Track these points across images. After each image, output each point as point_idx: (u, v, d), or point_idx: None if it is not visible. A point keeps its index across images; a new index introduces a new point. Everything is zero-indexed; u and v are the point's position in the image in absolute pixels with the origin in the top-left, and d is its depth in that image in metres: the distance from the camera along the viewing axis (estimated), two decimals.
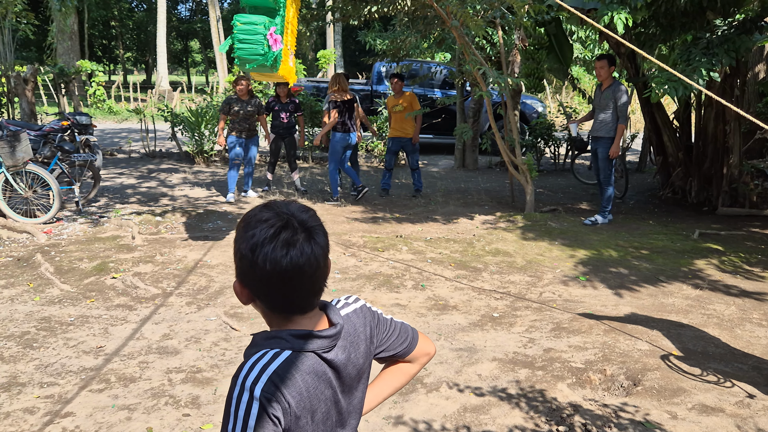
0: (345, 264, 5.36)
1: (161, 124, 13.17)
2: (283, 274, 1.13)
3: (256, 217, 1.16)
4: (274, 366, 1.12)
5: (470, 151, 11.09)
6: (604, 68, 6.85)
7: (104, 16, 32.84)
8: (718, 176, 7.87)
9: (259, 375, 1.10)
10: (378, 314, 1.38)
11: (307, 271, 1.15)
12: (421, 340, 1.46)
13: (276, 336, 1.18)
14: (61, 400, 3.16)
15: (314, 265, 1.16)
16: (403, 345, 1.40)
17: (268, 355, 1.14)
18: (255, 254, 1.13)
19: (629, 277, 5.14)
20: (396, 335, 1.39)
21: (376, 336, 1.35)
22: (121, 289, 4.72)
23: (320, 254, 1.17)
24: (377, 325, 1.36)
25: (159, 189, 8.69)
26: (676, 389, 3.25)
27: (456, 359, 3.64)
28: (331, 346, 1.20)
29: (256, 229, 1.14)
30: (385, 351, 1.38)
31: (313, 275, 1.16)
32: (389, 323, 1.40)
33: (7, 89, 10.96)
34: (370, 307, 1.37)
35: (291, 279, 1.14)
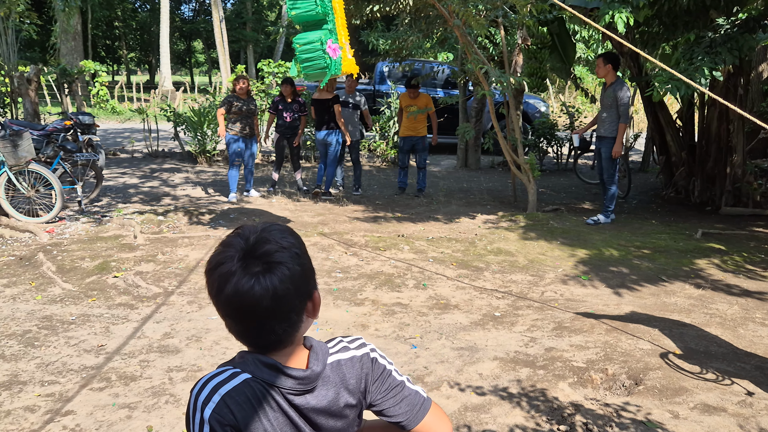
0: (347, 263, 5.36)
1: (164, 124, 13.19)
2: (225, 304, 1.07)
3: (223, 240, 1.12)
4: (228, 387, 1.05)
5: (472, 151, 11.09)
6: (600, 67, 6.86)
7: (108, 16, 32.91)
8: (721, 176, 7.85)
9: (210, 395, 1.05)
10: (385, 369, 1.22)
11: (244, 310, 1.06)
12: (432, 417, 1.25)
13: (243, 357, 1.12)
14: (61, 399, 3.16)
15: (253, 305, 1.05)
16: (401, 416, 1.23)
17: (224, 375, 1.08)
18: (215, 290, 1.08)
19: (631, 277, 5.13)
20: (396, 402, 1.22)
21: (372, 392, 1.21)
22: (122, 288, 4.72)
23: (262, 295, 1.04)
24: (378, 380, 1.22)
25: (161, 188, 8.70)
26: (678, 389, 3.24)
27: (457, 358, 3.63)
28: (299, 390, 1.10)
29: (214, 254, 1.11)
30: (382, 414, 1.23)
31: (252, 316, 1.06)
32: (395, 385, 1.23)
33: (10, 89, 10.99)
34: (376, 359, 1.22)
35: (234, 312, 1.07)
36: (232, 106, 7.79)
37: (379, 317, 4.24)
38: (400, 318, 4.23)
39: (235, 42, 35.36)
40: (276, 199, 8.13)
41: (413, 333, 3.99)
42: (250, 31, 34.71)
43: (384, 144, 11.37)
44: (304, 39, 4.50)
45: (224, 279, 1.06)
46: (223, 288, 1.06)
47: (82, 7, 20.34)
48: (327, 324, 4.09)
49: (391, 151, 11.22)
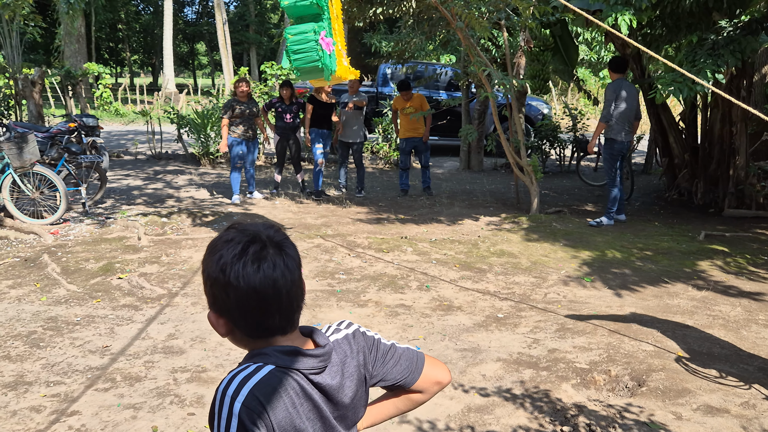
0: (350, 265, 5.37)
1: (167, 126, 13.23)
2: (258, 290, 1.08)
3: (221, 240, 1.13)
4: (255, 379, 1.07)
5: (475, 153, 11.10)
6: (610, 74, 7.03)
7: (111, 19, 33.01)
8: (724, 178, 7.85)
9: (239, 388, 1.05)
10: (375, 339, 1.29)
11: (282, 285, 1.10)
12: (430, 366, 1.34)
13: (260, 353, 1.13)
14: (67, 399, 3.18)
15: (289, 278, 1.11)
16: (404, 373, 1.30)
17: (250, 368, 1.09)
18: (226, 274, 1.08)
19: (634, 278, 5.13)
20: (395, 362, 1.29)
21: (371, 363, 1.26)
22: (127, 290, 4.74)
23: (293, 266, 1.12)
24: (372, 351, 1.27)
25: (165, 190, 8.73)
26: (681, 390, 3.25)
27: (460, 360, 3.64)
28: (320, 367, 1.14)
29: (222, 250, 1.10)
30: (383, 380, 1.29)
31: (289, 289, 1.12)
32: (388, 349, 1.30)
33: (14, 91, 11.04)
34: (365, 332, 1.29)
35: (266, 295, 1.09)
36: (234, 110, 7.82)
37: (383, 318, 4.25)
38: (403, 319, 4.24)
39: (238, 44, 35.46)
40: (279, 201, 8.15)
41: (416, 334, 4.00)
42: (253, 34, 34.79)
43: (387, 146, 11.38)
44: (296, 30, 4.27)
45: (256, 263, 1.08)
46: (259, 270, 1.08)
47: (85, 10, 20.43)
48: None
49: (393, 153, 11.24)
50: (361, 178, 8.62)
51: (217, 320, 1.14)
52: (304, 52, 4.24)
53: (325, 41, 4.22)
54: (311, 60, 4.23)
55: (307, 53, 4.23)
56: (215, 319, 1.14)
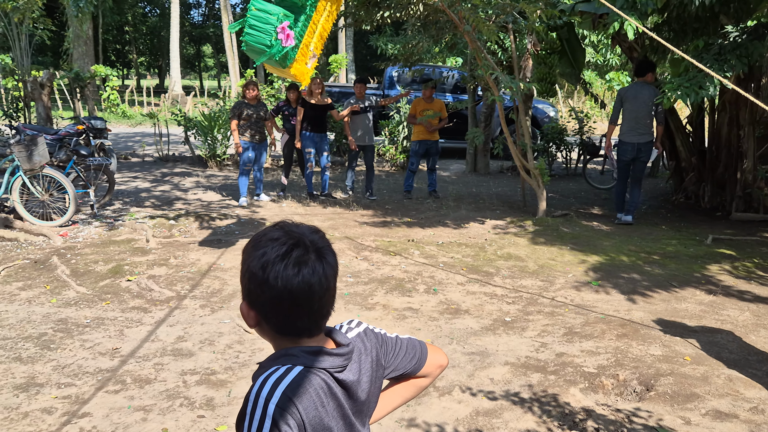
0: (357, 267, 5.39)
1: (175, 128, 13.28)
2: (294, 293, 1.12)
3: (266, 236, 1.16)
4: (287, 380, 1.10)
5: (482, 156, 11.10)
6: None
7: (118, 21, 33.17)
8: (731, 181, 7.83)
9: (272, 389, 1.08)
10: (382, 335, 1.35)
11: (317, 291, 1.14)
12: (432, 352, 1.42)
13: (286, 354, 1.17)
14: (78, 401, 3.20)
15: (324, 286, 1.15)
16: (412, 362, 1.37)
17: (281, 370, 1.12)
18: (266, 272, 1.12)
19: (642, 283, 5.13)
20: (404, 353, 1.36)
21: (384, 357, 1.32)
22: (135, 292, 4.77)
23: (330, 275, 1.16)
24: (383, 346, 1.32)
25: (172, 193, 8.77)
26: (689, 395, 3.25)
27: (468, 363, 3.65)
28: (344, 365, 1.18)
29: (266, 247, 1.14)
30: (394, 371, 1.35)
31: (323, 296, 1.15)
32: (395, 342, 1.36)
33: (23, 94, 11.11)
34: (373, 329, 1.34)
35: (301, 299, 1.13)
36: (242, 113, 7.85)
37: (390, 322, 4.26)
38: (411, 323, 4.25)
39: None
40: (286, 203, 8.18)
41: (424, 338, 4.01)
42: None
43: (393, 148, 11.40)
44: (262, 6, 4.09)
45: (298, 266, 1.12)
46: (300, 273, 1.12)
47: (93, 13, 20.54)
48: None
49: (400, 156, 11.25)
50: (371, 181, 8.61)
51: (248, 311, 1.18)
52: (258, 31, 4.10)
53: (285, 32, 4.08)
54: (262, 42, 4.09)
55: (260, 34, 4.10)
56: (246, 310, 1.18)
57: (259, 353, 3.69)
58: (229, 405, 3.18)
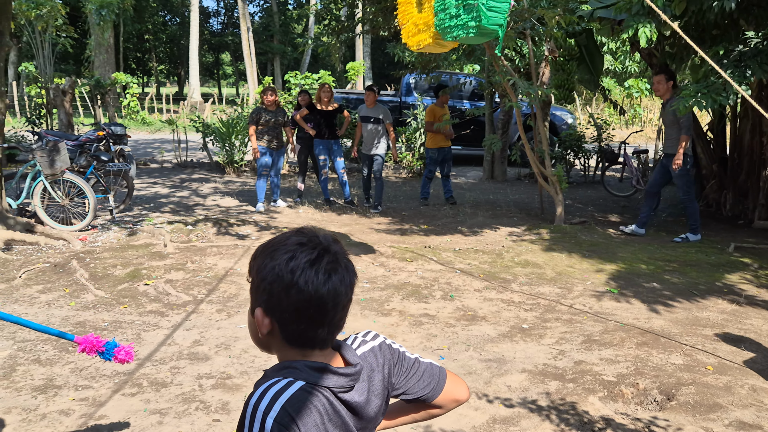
0: (373, 273, 5.38)
1: (193, 135, 13.41)
2: (323, 299, 1.10)
3: (291, 240, 1.13)
4: (287, 395, 1.06)
5: (499, 163, 11.06)
6: (662, 83, 6.61)
7: (139, 29, 33.63)
8: (754, 189, 7.71)
9: (271, 403, 1.05)
10: (400, 353, 1.29)
11: (342, 300, 1.13)
12: (451, 384, 1.34)
13: (289, 366, 1.13)
14: (95, 403, 3.22)
15: (348, 296, 1.15)
16: (426, 389, 1.31)
17: (280, 383, 1.08)
18: (295, 276, 1.09)
19: (661, 291, 5.05)
20: (419, 377, 1.30)
21: (395, 376, 1.27)
22: (153, 296, 4.80)
23: (353, 284, 1.16)
24: (397, 363, 1.28)
25: (191, 198, 8.84)
26: (712, 405, 3.18)
27: (485, 370, 3.61)
28: (349, 386, 1.14)
29: (295, 251, 1.11)
30: (405, 393, 1.30)
31: (346, 305, 1.15)
32: (412, 363, 1.30)
33: (46, 100, 11.29)
34: (391, 344, 1.29)
35: (327, 306, 1.11)
36: (260, 119, 7.89)
37: (407, 328, 4.24)
38: (427, 329, 4.22)
39: (263, 54, 35.86)
40: (303, 209, 8.19)
41: (441, 344, 3.98)
42: (277, 44, 35.17)
43: (410, 155, 11.39)
44: None
45: (326, 273, 1.10)
46: (329, 280, 1.10)
47: (115, 21, 20.85)
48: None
49: (416, 162, 11.24)
50: (379, 193, 8.20)
51: (263, 318, 1.13)
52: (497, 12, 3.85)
53: None
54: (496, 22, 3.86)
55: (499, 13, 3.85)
56: (261, 317, 1.13)
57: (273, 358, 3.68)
58: None
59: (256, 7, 42.33)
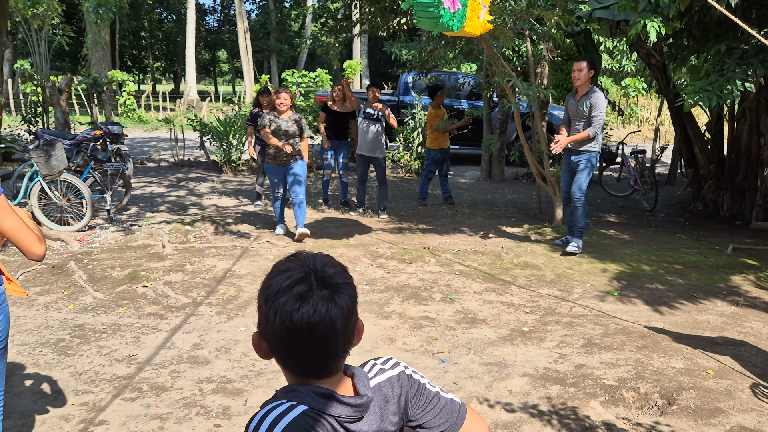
0: (373, 275, 5.37)
1: (190, 133, 13.36)
2: (291, 330, 1.06)
3: (279, 267, 1.12)
4: (287, 419, 1.04)
5: (497, 162, 11.05)
6: (584, 71, 5.93)
7: (135, 27, 33.51)
8: (751, 189, 7.72)
9: (271, 426, 1.03)
10: (420, 384, 1.24)
11: (319, 333, 1.06)
12: (470, 422, 1.28)
13: (295, 389, 1.11)
14: (95, 408, 3.20)
15: (328, 327, 1.07)
16: (443, 426, 1.25)
17: (282, 407, 1.06)
18: (268, 305, 1.08)
19: (661, 293, 5.05)
20: (437, 412, 1.24)
21: (412, 408, 1.22)
22: (152, 298, 4.78)
23: (338, 315, 1.07)
24: (415, 395, 1.23)
25: (188, 198, 8.80)
26: (713, 409, 3.18)
27: (486, 374, 3.61)
28: (355, 417, 1.10)
29: (274, 278, 1.10)
30: (421, 427, 1.24)
31: (326, 338, 1.07)
32: (432, 397, 1.25)
33: (42, 99, 11.23)
34: (411, 375, 1.24)
35: (299, 337, 1.06)
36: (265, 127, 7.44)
37: (407, 331, 4.23)
38: (427, 332, 4.22)
39: (259, 52, 35.76)
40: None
41: (441, 347, 3.98)
42: (274, 42, 35.09)
43: (408, 155, 11.38)
44: None
45: (299, 302, 1.06)
46: (299, 310, 1.06)
47: (111, 19, 20.76)
48: None
49: (415, 162, 11.23)
50: (384, 196, 7.92)
51: (259, 342, 1.14)
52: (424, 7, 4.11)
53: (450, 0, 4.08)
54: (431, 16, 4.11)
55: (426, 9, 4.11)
56: (258, 340, 1.14)
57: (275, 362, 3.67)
58: (246, 414, 3.16)
59: (253, 5, 42.21)
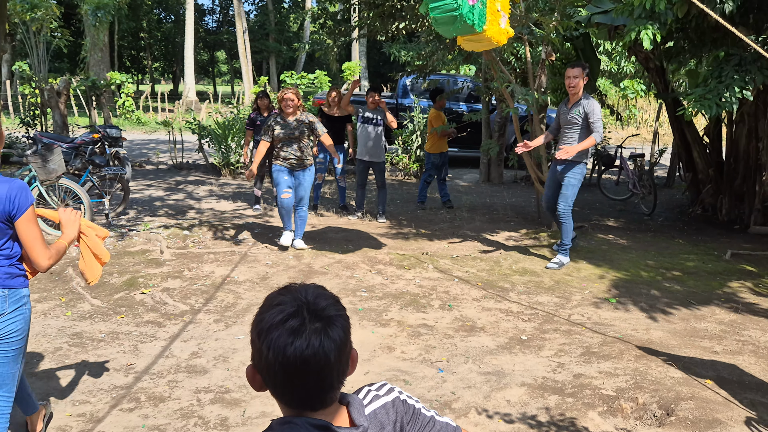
0: (372, 282, 5.36)
1: (189, 135, 13.34)
2: (284, 364, 1.05)
3: (271, 300, 1.12)
4: None
5: (495, 165, 11.05)
6: (579, 78, 5.76)
7: (133, 27, 33.47)
8: (750, 194, 7.73)
9: None
10: (415, 409, 1.24)
11: (312, 366, 1.06)
12: None
13: (290, 422, 1.10)
14: (92, 419, 3.20)
15: (322, 360, 1.06)
16: None
17: None
18: (261, 339, 1.08)
19: (660, 300, 5.05)
20: None
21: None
22: (150, 305, 4.77)
23: (331, 348, 1.07)
24: (411, 421, 1.23)
25: (186, 201, 8.79)
26: (711, 420, 3.18)
27: (484, 384, 3.60)
28: None
29: (266, 313, 1.09)
30: None
31: (320, 371, 1.07)
32: (427, 422, 1.25)
33: (40, 101, 11.21)
34: (406, 400, 1.24)
35: (293, 371, 1.06)
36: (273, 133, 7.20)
37: (405, 339, 4.23)
38: (426, 340, 4.21)
39: (258, 53, 35.74)
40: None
41: (439, 356, 3.97)
42: (273, 42, 35.06)
43: (407, 158, 11.37)
44: None
45: (291, 336, 1.05)
46: (291, 345, 1.05)
47: (110, 20, 20.74)
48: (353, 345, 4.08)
49: (413, 165, 11.22)
50: (383, 200, 7.88)
51: (254, 376, 1.13)
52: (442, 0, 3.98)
53: None
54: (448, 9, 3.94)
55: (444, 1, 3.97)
56: (252, 374, 1.13)
57: None
58: (243, 425, 3.16)
59: (252, 6, 42.19)
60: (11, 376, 2.48)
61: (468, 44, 4.54)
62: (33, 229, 2.39)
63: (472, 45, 4.52)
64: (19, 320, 2.46)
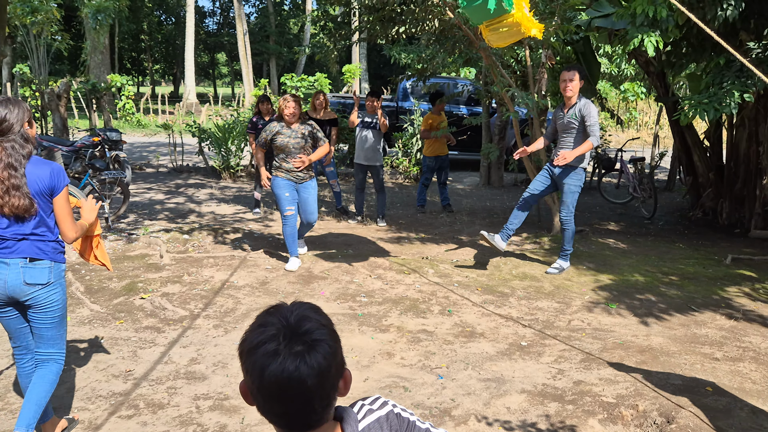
0: (371, 287, 5.35)
1: (189, 138, 13.35)
2: (262, 388, 1.05)
3: (258, 321, 1.11)
4: None
5: (495, 169, 11.05)
6: (575, 81, 5.60)
7: (134, 29, 33.50)
8: (750, 198, 7.72)
9: None
10: (410, 422, 1.24)
11: (289, 391, 1.04)
12: None
13: None
14: (91, 426, 3.19)
15: (298, 386, 1.04)
16: None
17: None
18: (243, 360, 1.09)
19: (660, 305, 5.04)
20: None
21: None
22: (149, 310, 4.76)
23: (308, 374, 1.05)
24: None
25: (186, 205, 8.79)
26: (712, 428, 3.17)
27: (484, 390, 3.59)
28: None
29: (250, 334, 1.09)
30: None
31: (298, 396, 1.05)
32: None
33: (41, 104, 11.21)
34: (400, 413, 1.24)
35: (271, 395, 1.06)
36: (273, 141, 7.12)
37: (405, 345, 4.22)
38: (425, 346, 4.20)
39: (259, 55, 35.78)
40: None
41: (439, 362, 3.96)
42: (273, 44, 35.09)
43: (407, 161, 11.37)
44: None
45: (268, 360, 1.05)
46: (267, 369, 1.05)
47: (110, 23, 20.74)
48: (352, 351, 4.08)
49: (413, 168, 11.22)
50: (383, 204, 7.84)
51: (246, 392, 1.13)
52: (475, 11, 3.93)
53: None
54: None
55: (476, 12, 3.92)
56: (244, 389, 1.14)
57: None
58: None
59: (252, 8, 42.25)
60: (60, 336, 2.93)
61: (494, 36, 4.41)
62: (66, 205, 2.86)
63: (498, 36, 4.41)
64: (59, 291, 2.88)
